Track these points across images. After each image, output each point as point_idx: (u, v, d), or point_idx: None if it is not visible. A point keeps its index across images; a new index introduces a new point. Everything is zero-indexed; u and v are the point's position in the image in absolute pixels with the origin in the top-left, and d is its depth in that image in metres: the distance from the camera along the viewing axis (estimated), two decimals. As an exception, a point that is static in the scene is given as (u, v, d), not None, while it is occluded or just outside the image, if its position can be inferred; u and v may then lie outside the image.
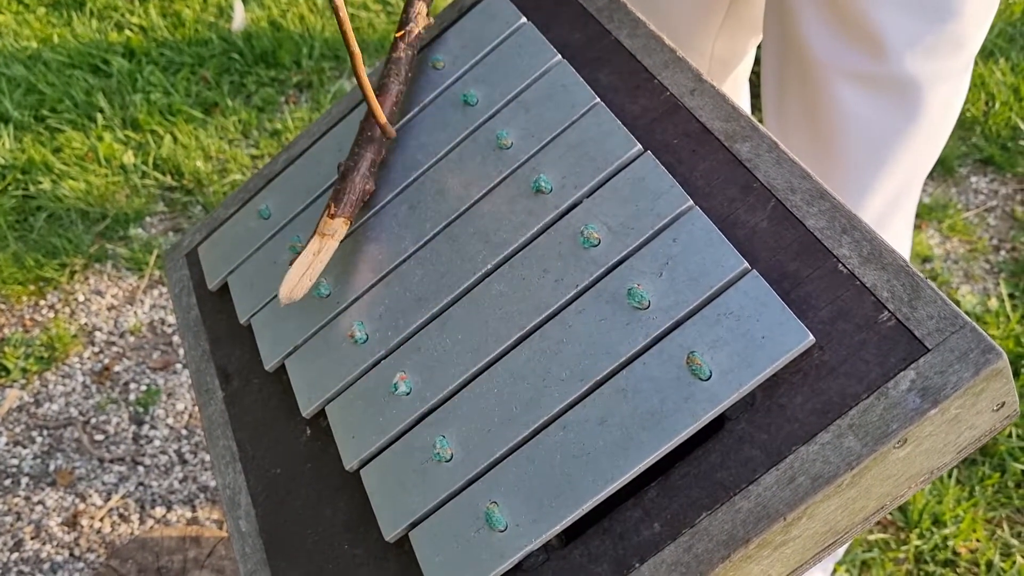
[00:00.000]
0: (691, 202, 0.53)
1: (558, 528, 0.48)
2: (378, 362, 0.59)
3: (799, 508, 0.44)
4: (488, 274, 0.58)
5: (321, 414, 0.61)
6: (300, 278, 0.60)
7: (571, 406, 0.51)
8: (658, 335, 0.50)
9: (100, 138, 2.04)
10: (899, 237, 0.97)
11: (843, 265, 0.49)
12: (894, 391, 0.44)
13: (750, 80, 1.80)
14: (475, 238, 0.59)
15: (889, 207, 0.90)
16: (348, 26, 0.56)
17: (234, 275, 0.71)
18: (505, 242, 0.58)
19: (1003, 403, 0.45)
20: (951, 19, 0.77)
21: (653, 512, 0.47)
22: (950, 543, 1.35)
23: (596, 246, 0.54)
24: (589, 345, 0.51)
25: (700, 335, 0.48)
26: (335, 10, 0.55)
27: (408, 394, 0.56)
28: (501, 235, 0.58)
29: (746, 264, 0.49)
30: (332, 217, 0.61)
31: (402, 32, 0.69)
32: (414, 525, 0.52)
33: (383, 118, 0.62)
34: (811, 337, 0.46)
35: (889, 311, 0.46)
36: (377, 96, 0.65)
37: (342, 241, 0.65)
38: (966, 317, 0.44)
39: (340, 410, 0.59)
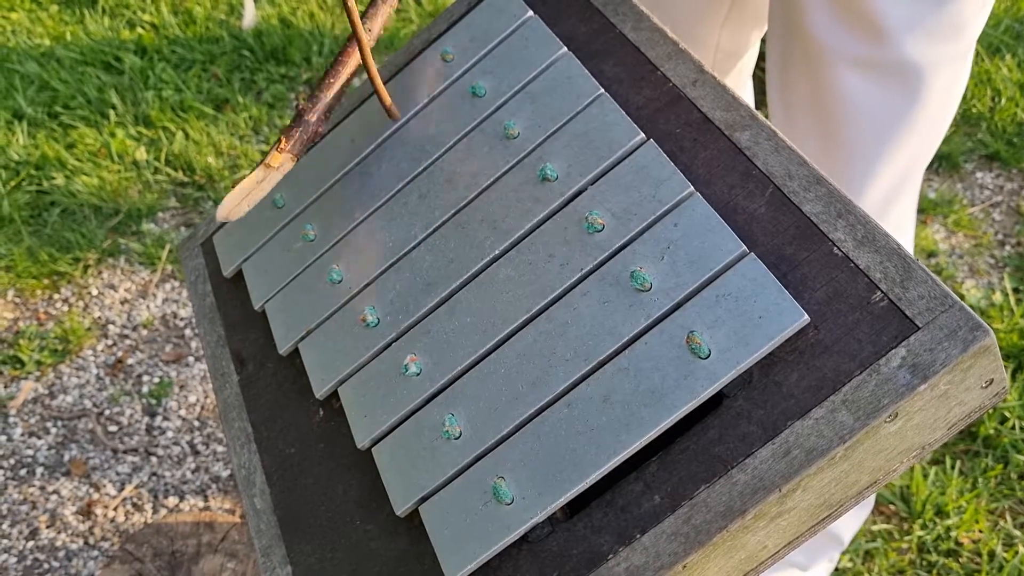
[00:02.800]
0: (692, 189, 0.55)
1: (562, 501, 0.50)
2: (389, 345, 0.61)
3: (794, 480, 0.46)
4: (495, 259, 0.60)
5: (334, 395, 0.63)
6: (240, 202, 0.63)
7: (575, 385, 0.52)
8: (659, 316, 0.52)
9: (113, 134, 2.06)
10: (903, 220, 0.99)
11: (838, 248, 0.50)
12: (886, 368, 0.46)
13: (755, 76, 1.82)
14: (483, 225, 0.61)
15: (893, 191, 0.92)
16: (356, 15, 0.58)
17: (249, 262, 0.73)
18: (512, 228, 0.60)
19: (991, 380, 0.47)
20: (950, 3, 0.79)
21: (654, 485, 0.49)
22: (953, 533, 1.36)
23: (600, 231, 0.56)
24: (593, 326, 0.53)
25: (700, 316, 0.50)
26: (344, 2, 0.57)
27: (418, 375, 0.58)
28: (508, 222, 0.60)
29: (744, 248, 0.51)
30: (280, 152, 0.63)
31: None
32: (424, 500, 0.54)
33: (388, 100, 0.64)
34: (806, 317, 0.48)
35: (882, 291, 0.48)
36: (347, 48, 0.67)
37: (346, 233, 0.67)
38: (955, 296, 0.46)
39: (352, 391, 0.61)
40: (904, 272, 0.48)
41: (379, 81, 0.63)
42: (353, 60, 0.66)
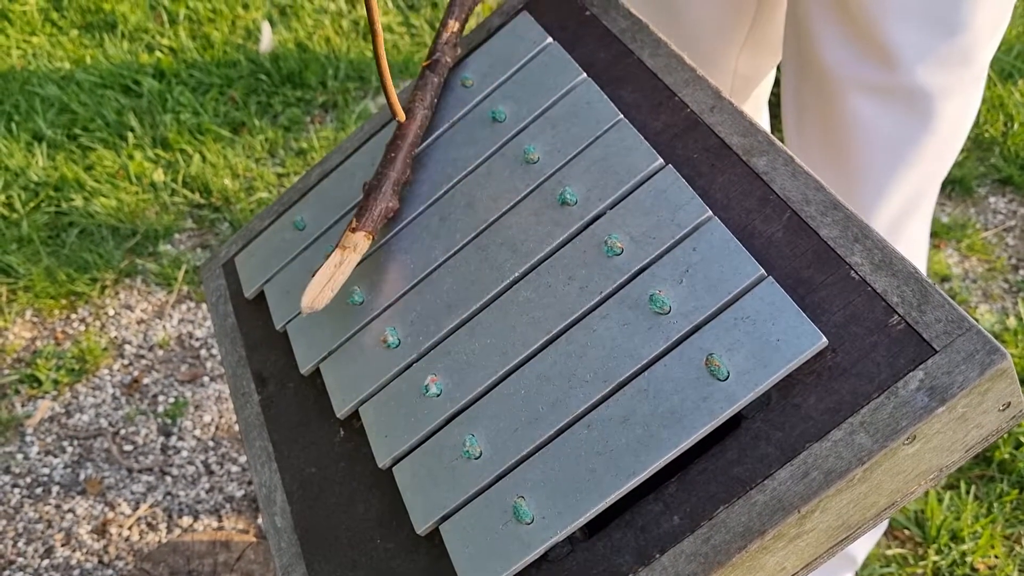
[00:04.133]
0: (710, 213, 0.56)
1: (582, 521, 0.50)
2: (410, 365, 0.62)
3: (812, 502, 0.46)
4: (515, 282, 0.61)
5: (355, 415, 0.64)
6: (322, 289, 0.63)
7: (595, 406, 0.53)
8: (678, 338, 0.52)
9: (131, 156, 2.09)
10: (915, 243, 0.99)
11: (855, 272, 0.51)
12: (903, 390, 0.46)
13: (770, 102, 1.83)
14: (503, 248, 0.62)
15: (904, 214, 0.93)
16: (375, 8, 0.60)
17: (270, 284, 0.74)
18: (532, 251, 0.61)
19: (1008, 403, 0.47)
20: (960, 32, 0.80)
21: (673, 505, 0.49)
22: (968, 559, 1.36)
23: (619, 255, 0.57)
24: (612, 348, 0.54)
25: (718, 338, 0.51)
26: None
27: (439, 395, 0.59)
28: (528, 245, 0.61)
29: (762, 271, 0.52)
30: (353, 231, 0.64)
31: (429, 61, 0.72)
32: (444, 519, 0.55)
33: (395, 100, 0.65)
34: (824, 340, 0.49)
35: (899, 315, 0.48)
36: (404, 121, 0.68)
37: (368, 256, 0.68)
38: (972, 320, 0.47)
39: (373, 411, 0.62)
40: (921, 296, 0.49)
41: (390, 83, 0.65)
42: (412, 135, 0.67)
